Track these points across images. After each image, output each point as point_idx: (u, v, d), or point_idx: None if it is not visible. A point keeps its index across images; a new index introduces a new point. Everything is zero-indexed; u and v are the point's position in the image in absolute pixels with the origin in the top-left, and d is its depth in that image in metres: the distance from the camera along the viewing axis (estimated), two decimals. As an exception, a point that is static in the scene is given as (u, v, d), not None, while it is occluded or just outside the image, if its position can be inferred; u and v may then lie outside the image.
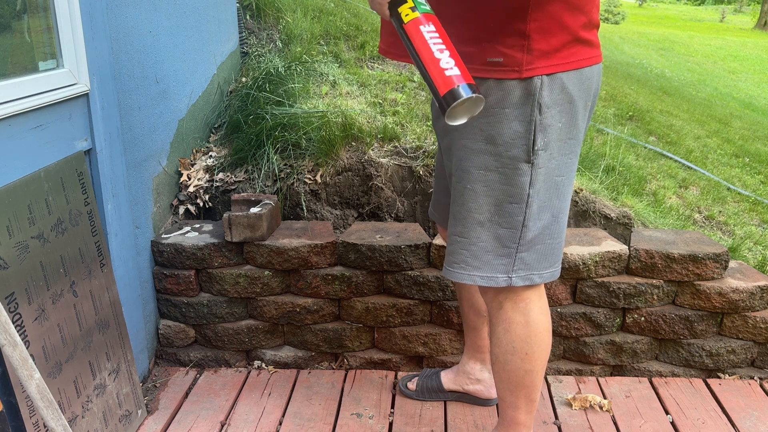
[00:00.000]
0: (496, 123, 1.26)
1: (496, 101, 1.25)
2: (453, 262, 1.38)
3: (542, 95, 1.23)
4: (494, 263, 1.34)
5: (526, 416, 1.51)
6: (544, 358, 1.44)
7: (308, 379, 2.09)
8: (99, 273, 1.66)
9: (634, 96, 4.64)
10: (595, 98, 1.37)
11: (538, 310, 1.41)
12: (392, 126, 2.37)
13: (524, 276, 1.35)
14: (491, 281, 1.35)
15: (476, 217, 1.33)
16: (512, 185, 1.29)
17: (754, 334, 2.03)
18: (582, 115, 1.31)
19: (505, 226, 1.32)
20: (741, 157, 3.77)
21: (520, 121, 1.24)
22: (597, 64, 1.32)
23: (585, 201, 2.22)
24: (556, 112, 1.25)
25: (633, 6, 27.17)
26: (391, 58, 1.40)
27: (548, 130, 1.25)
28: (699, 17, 23.59)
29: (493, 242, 1.33)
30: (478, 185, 1.31)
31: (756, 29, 19.54)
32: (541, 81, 1.22)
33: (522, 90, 1.23)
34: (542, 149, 1.26)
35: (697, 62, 11.17)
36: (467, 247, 1.35)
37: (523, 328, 1.40)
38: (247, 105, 2.47)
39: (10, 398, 1.30)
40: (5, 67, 1.40)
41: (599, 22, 1.34)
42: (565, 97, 1.26)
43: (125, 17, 1.84)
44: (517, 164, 1.27)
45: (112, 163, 1.77)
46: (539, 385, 1.48)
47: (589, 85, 1.30)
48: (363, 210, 2.30)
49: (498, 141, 1.26)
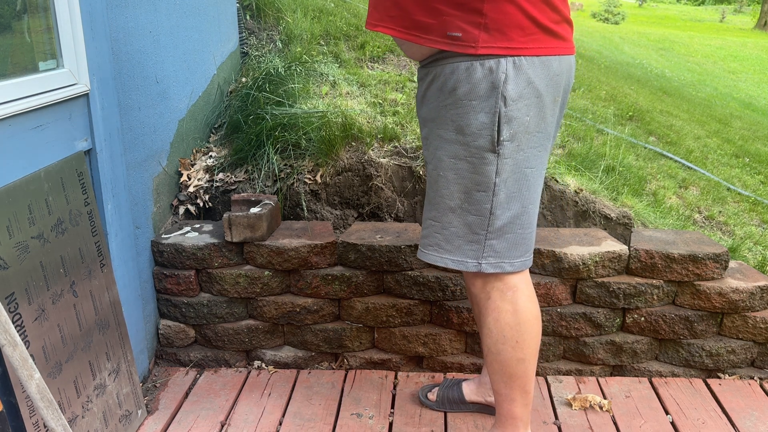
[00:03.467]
0: (464, 114, 1.31)
1: (464, 93, 1.30)
2: (427, 244, 1.45)
3: (507, 88, 1.27)
4: (465, 248, 1.40)
5: (522, 409, 1.52)
6: (535, 346, 1.47)
7: (308, 379, 2.09)
8: (99, 273, 1.66)
9: (634, 96, 4.65)
10: (566, 93, 1.40)
11: (525, 297, 1.44)
12: (392, 126, 2.37)
13: (494, 263, 1.40)
14: (461, 265, 1.41)
15: (448, 203, 1.40)
16: (479, 174, 1.35)
17: (754, 334, 2.03)
18: (551, 109, 1.35)
19: (474, 213, 1.38)
20: (741, 158, 3.77)
21: (485, 112, 1.30)
22: (563, 55, 1.34)
23: (585, 201, 2.22)
24: (523, 105, 1.30)
25: (633, 6, 27.17)
26: (380, 30, 1.43)
27: (514, 122, 1.30)
28: (699, 17, 23.58)
29: (463, 228, 1.39)
30: (449, 173, 1.38)
31: (756, 29, 19.55)
32: (505, 74, 1.27)
33: (488, 82, 1.28)
34: (508, 140, 1.31)
35: (697, 62, 11.18)
36: (440, 231, 1.43)
37: (512, 316, 1.44)
38: (247, 105, 2.47)
39: (10, 398, 1.30)
40: (5, 67, 1.40)
41: (571, 20, 1.37)
42: (531, 91, 1.30)
43: (125, 17, 1.84)
44: (483, 154, 1.33)
45: (112, 163, 1.77)
46: (532, 376, 1.50)
47: (557, 80, 1.33)
48: (363, 210, 2.30)
49: (466, 131, 1.32)
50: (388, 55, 3.09)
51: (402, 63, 3.04)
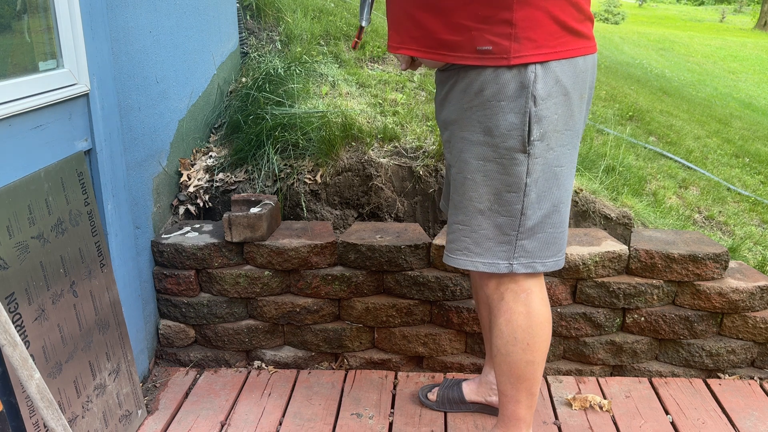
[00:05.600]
0: (493, 115, 1.30)
1: (492, 94, 1.29)
2: (455, 249, 1.42)
3: (536, 87, 1.26)
4: (495, 250, 1.38)
5: (526, 411, 1.52)
6: (545, 349, 1.46)
7: (308, 379, 2.09)
8: (99, 273, 1.66)
9: (634, 96, 4.65)
10: (591, 90, 1.39)
11: (539, 300, 1.43)
12: (392, 126, 2.37)
13: (526, 263, 1.39)
14: (492, 267, 1.39)
15: (477, 206, 1.37)
16: (510, 175, 1.33)
17: (754, 334, 2.03)
18: (578, 106, 1.34)
19: (504, 215, 1.36)
20: (741, 158, 3.77)
21: (515, 113, 1.28)
22: (589, 54, 1.34)
23: (585, 201, 2.22)
24: (552, 103, 1.29)
25: (633, 6, 27.18)
26: (404, 53, 1.41)
27: (544, 122, 1.29)
28: (699, 17, 23.58)
29: (493, 230, 1.38)
30: (477, 175, 1.35)
31: (756, 29, 19.55)
32: (534, 74, 1.26)
33: (517, 83, 1.27)
34: (538, 140, 1.30)
35: (697, 62, 11.18)
36: (469, 235, 1.40)
37: (524, 319, 1.43)
38: (247, 105, 2.47)
39: (10, 398, 1.30)
40: (5, 67, 1.41)
41: (592, 16, 1.36)
42: (559, 89, 1.29)
43: (125, 17, 1.84)
44: (513, 155, 1.31)
45: (112, 163, 1.77)
46: (539, 379, 1.49)
47: (583, 77, 1.33)
48: (363, 210, 2.30)
49: (495, 132, 1.31)
50: (388, 55, 3.09)
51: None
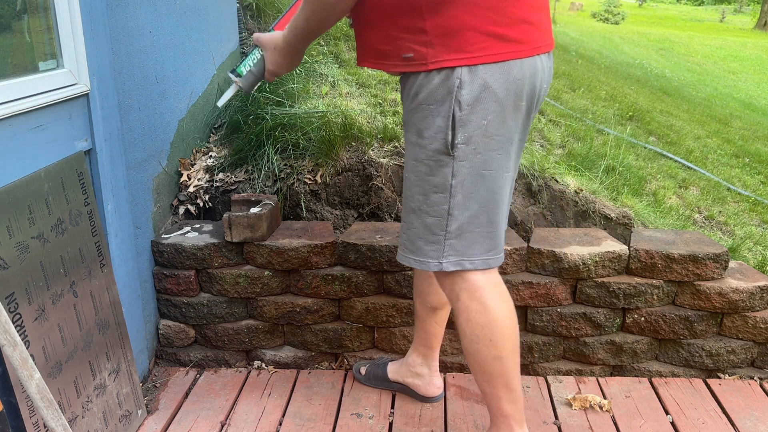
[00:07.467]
0: (424, 118, 1.37)
1: (424, 98, 1.36)
2: (399, 244, 1.53)
3: (461, 93, 1.32)
4: (425, 249, 1.45)
5: (510, 406, 1.52)
6: (510, 344, 1.47)
7: (308, 379, 2.09)
8: (99, 273, 1.66)
9: (634, 96, 4.65)
10: (531, 98, 1.40)
11: (494, 297, 1.46)
12: (392, 126, 2.37)
13: (455, 261, 1.44)
14: (423, 265, 1.46)
15: (410, 204, 1.46)
16: (436, 176, 1.39)
17: (754, 334, 2.03)
18: (512, 114, 1.37)
19: (432, 215, 1.42)
20: (741, 158, 3.77)
21: (441, 116, 1.35)
22: (526, 58, 1.34)
23: (585, 201, 2.22)
24: (480, 108, 1.33)
25: (633, 6, 27.18)
26: (365, 66, 1.49)
27: (469, 126, 1.34)
28: (699, 17, 23.59)
29: (423, 229, 1.45)
30: (411, 175, 1.44)
31: (756, 29, 19.56)
32: (460, 80, 1.31)
33: (445, 88, 1.33)
34: (463, 143, 1.35)
35: (697, 62, 11.18)
36: (405, 231, 1.50)
37: (482, 316, 1.45)
38: (247, 105, 2.47)
39: (10, 398, 1.30)
40: (5, 67, 1.41)
41: (531, 18, 1.34)
42: (489, 95, 1.32)
43: (125, 17, 1.84)
44: (438, 156, 1.38)
45: (112, 163, 1.77)
46: (514, 373, 1.50)
47: (518, 84, 1.34)
48: (363, 210, 2.30)
49: (425, 134, 1.38)
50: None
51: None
